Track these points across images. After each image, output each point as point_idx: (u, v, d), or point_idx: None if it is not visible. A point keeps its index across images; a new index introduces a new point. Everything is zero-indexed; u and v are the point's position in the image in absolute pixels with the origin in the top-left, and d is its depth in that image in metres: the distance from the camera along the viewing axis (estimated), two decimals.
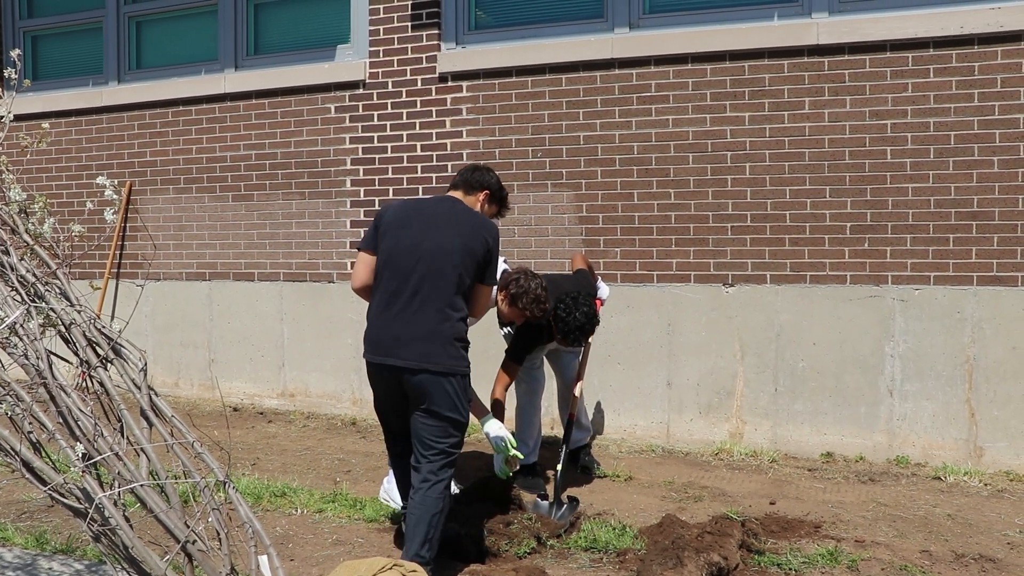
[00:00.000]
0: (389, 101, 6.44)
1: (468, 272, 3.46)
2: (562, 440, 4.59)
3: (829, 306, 5.35)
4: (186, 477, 2.41)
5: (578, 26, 5.97)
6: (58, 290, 2.71)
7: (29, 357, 2.49)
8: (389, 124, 6.45)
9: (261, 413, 6.70)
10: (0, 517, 4.23)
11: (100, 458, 2.38)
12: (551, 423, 5.71)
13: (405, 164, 6.40)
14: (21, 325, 2.53)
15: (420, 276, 3.42)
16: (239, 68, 7.04)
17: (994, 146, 5.04)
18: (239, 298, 7.02)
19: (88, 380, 2.58)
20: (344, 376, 6.61)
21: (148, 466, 2.41)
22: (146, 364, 2.60)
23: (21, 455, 2.42)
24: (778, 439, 5.47)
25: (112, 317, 7.25)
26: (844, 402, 5.34)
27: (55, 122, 7.58)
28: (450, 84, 6.25)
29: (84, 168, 7.59)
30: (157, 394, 2.59)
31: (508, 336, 4.71)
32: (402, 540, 3.55)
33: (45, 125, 3.78)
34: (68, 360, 2.66)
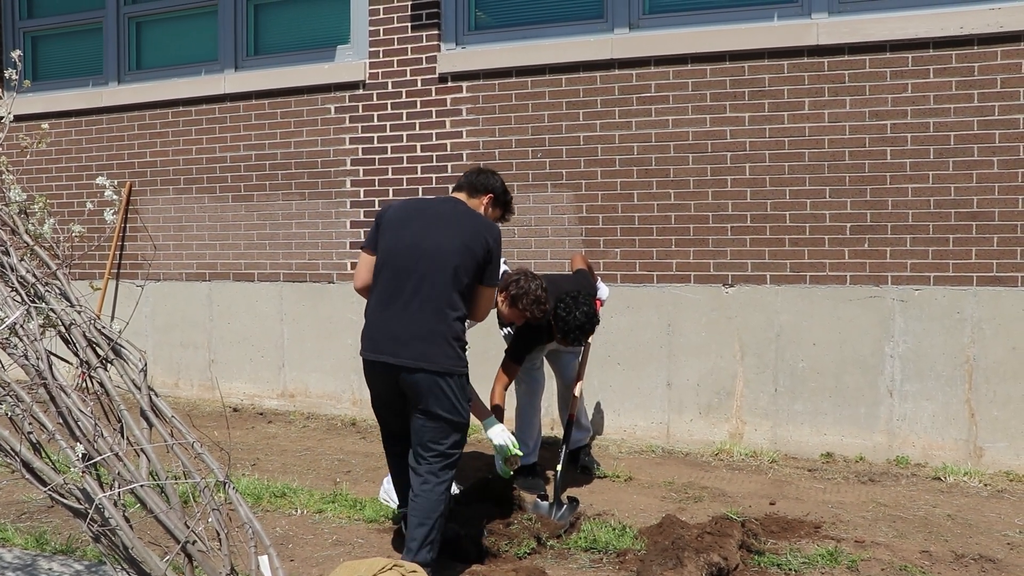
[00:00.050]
0: (389, 102, 6.44)
1: (468, 272, 3.44)
2: (562, 440, 4.59)
3: (829, 306, 5.35)
4: (186, 477, 2.41)
5: (578, 26, 5.97)
6: (58, 290, 2.71)
7: (29, 357, 2.49)
8: (389, 125, 6.45)
9: (261, 413, 6.70)
10: (0, 517, 4.23)
11: (100, 458, 2.38)
12: (551, 423, 5.71)
13: (405, 165, 6.40)
14: (21, 326, 2.53)
15: (419, 275, 3.40)
16: (239, 68, 7.04)
17: (994, 146, 5.04)
18: (239, 299, 7.02)
19: (88, 380, 2.58)
20: (344, 376, 6.61)
21: (148, 466, 2.41)
22: (146, 364, 2.60)
23: (21, 455, 2.42)
24: (778, 439, 5.47)
25: (112, 317, 7.25)
26: (844, 402, 5.34)
27: (55, 122, 7.58)
28: (450, 85, 6.26)
29: (84, 168, 7.59)
30: (157, 394, 2.59)
31: (508, 336, 4.70)
32: (402, 541, 3.54)
33: (45, 125, 3.79)
34: (68, 360, 2.66)
